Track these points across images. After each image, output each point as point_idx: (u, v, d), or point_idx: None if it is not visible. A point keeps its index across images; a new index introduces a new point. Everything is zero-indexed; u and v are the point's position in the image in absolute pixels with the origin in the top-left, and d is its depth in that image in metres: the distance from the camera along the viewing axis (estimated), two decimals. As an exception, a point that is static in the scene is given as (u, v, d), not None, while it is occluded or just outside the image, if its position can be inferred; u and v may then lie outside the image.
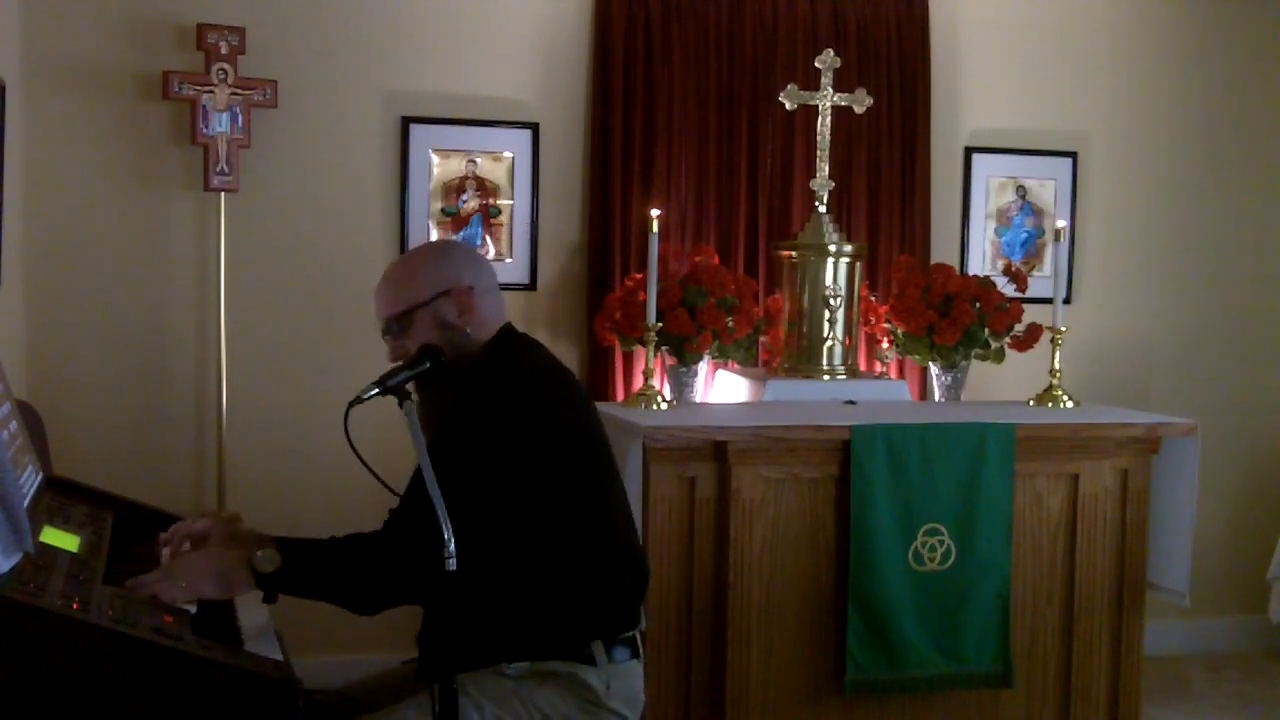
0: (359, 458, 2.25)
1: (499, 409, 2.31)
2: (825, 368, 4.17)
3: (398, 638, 3.38)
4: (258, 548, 2.23)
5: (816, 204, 4.26)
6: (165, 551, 2.44)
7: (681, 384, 4.15)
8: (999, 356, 4.32)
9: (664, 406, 3.82)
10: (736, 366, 4.34)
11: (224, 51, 4.01)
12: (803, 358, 4.20)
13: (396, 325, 2.45)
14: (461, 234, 4.35)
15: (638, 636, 2.45)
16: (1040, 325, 4.25)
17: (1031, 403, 4.10)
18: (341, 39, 4.25)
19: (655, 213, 3.88)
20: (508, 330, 2.51)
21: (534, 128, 4.39)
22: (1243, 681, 4.74)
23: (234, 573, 2.21)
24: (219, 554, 2.28)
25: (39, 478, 2.42)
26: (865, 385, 4.16)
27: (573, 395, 2.46)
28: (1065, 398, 4.06)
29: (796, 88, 4.27)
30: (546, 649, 2.33)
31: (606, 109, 4.38)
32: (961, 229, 4.80)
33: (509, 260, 4.37)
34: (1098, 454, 3.78)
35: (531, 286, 4.41)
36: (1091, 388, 4.73)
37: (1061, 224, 4.27)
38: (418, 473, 2.19)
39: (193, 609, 2.12)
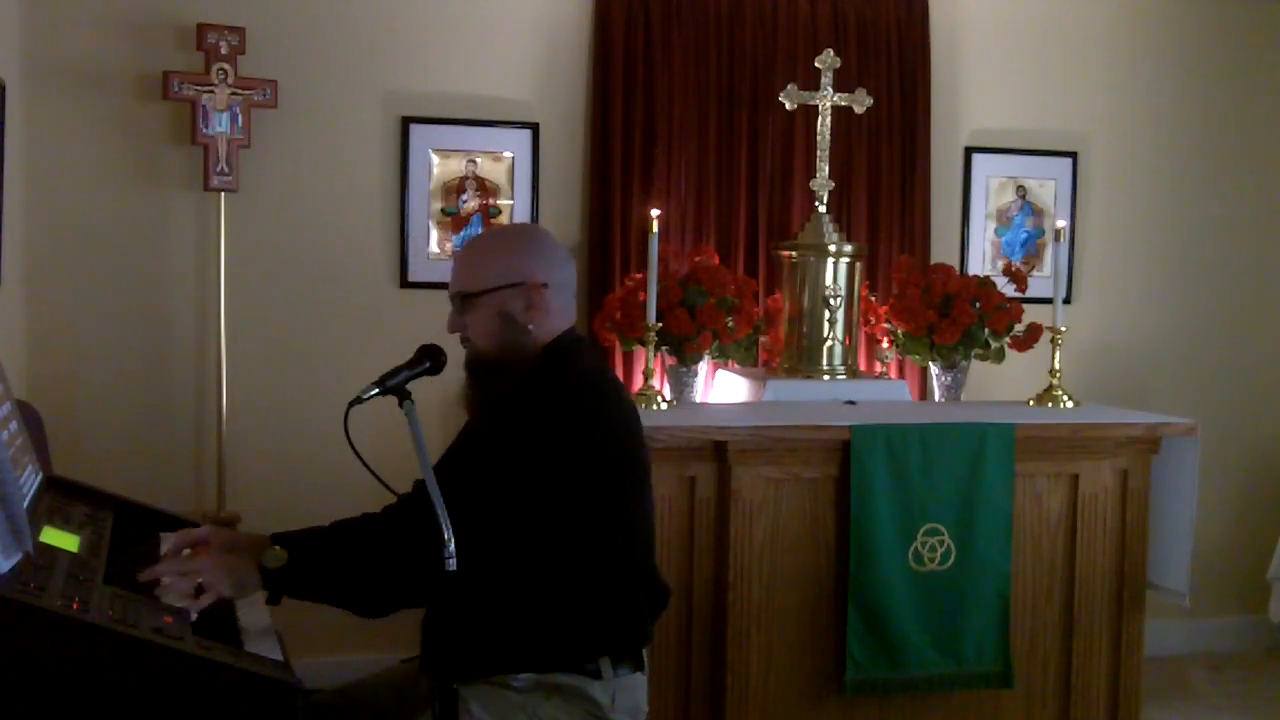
0: (359, 458, 2.25)
1: (542, 428, 2.27)
2: (825, 368, 4.17)
3: (397, 638, 3.38)
4: (260, 550, 2.21)
5: (816, 204, 4.26)
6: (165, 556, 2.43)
7: (681, 384, 4.15)
8: (999, 356, 4.32)
9: (664, 406, 3.82)
10: (736, 366, 4.34)
11: (224, 51, 4.01)
12: (803, 358, 4.20)
13: (460, 301, 2.41)
14: (462, 234, 4.35)
15: (643, 650, 2.45)
16: (1040, 325, 4.25)
17: (1031, 403, 4.10)
18: (341, 39, 4.25)
19: (655, 213, 3.88)
20: (569, 337, 2.45)
21: (534, 128, 4.39)
22: (1243, 681, 4.74)
23: (245, 570, 2.20)
24: (231, 557, 2.26)
25: (39, 478, 2.42)
26: (865, 385, 4.16)
27: (619, 416, 2.41)
28: (1065, 398, 4.06)
29: (796, 88, 4.27)
30: (553, 662, 2.33)
31: (606, 109, 4.38)
32: (961, 229, 4.81)
33: (509, 260, 4.37)
34: (1098, 454, 3.78)
35: (531, 286, 4.40)
36: (1091, 388, 4.73)
37: (1061, 224, 4.27)
38: (438, 471, 2.18)
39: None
